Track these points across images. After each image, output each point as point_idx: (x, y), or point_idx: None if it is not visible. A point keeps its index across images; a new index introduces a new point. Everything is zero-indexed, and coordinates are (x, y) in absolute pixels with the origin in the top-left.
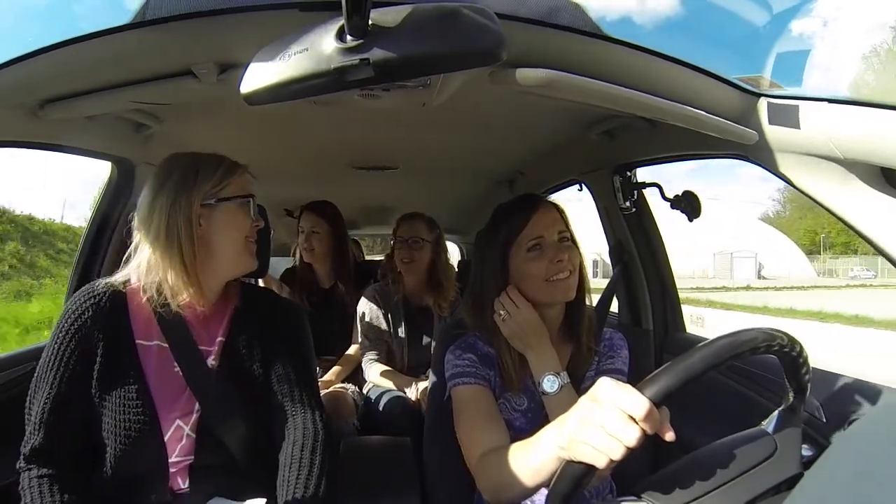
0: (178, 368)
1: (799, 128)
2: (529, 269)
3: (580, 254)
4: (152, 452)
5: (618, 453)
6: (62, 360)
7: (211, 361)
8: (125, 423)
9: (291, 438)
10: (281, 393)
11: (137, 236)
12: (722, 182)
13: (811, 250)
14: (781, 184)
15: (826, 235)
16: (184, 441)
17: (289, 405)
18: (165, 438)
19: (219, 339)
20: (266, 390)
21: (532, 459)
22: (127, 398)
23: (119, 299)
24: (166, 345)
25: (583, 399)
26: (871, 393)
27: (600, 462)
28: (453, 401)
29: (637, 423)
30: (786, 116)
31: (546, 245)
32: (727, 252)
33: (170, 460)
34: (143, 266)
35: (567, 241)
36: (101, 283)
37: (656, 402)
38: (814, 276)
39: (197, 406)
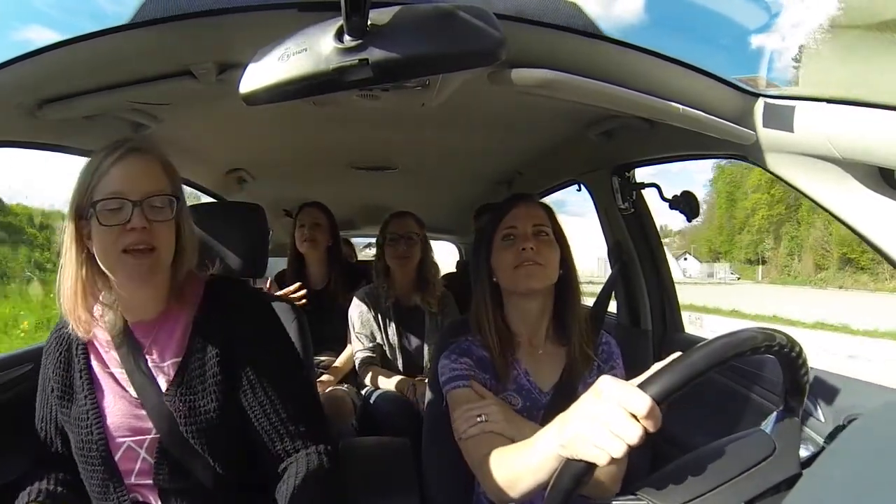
0: (131, 390)
1: (797, 128)
2: (501, 257)
3: (565, 254)
4: (103, 470)
5: (619, 451)
6: (42, 387)
7: (163, 383)
8: (80, 441)
9: (294, 470)
10: (265, 429)
11: None
12: (674, 187)
13: (714, 257)
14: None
15: (696, 247)
16: (139, 463)
17: (287, 441)
18: (116, 458)
19: (172, 360)
20: (241, 415)
21: (532, 458)
22: (81, 418)
23: None
24: (121, 369)
25: (585, 396)
26: (869, 393)
27: (601, 459)
28: (450, 404)
29: (639, 422)
30: (784, 116)
31: (517, 235)
32: (604, 258)
33: (128, 481)
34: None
35: (543, 234)
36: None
37: (658, 401)
38: (680, 276)
39: (154, 430)
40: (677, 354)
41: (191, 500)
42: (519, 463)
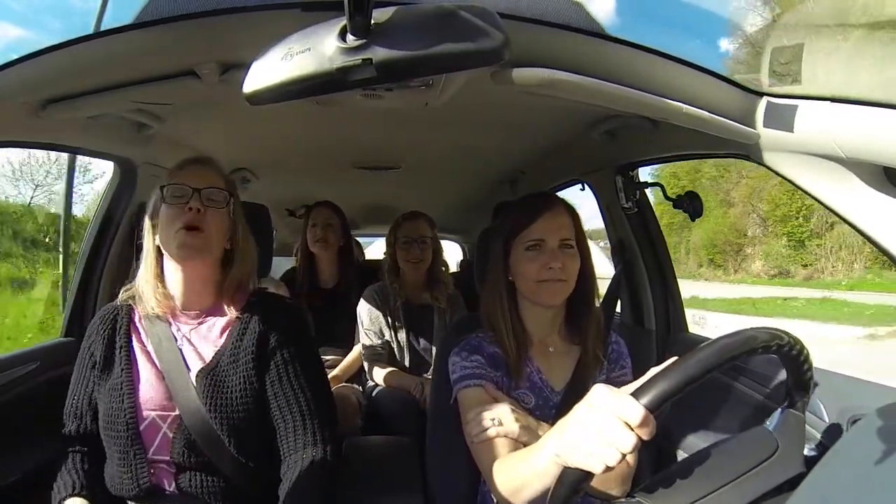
0: (161, 369)
1: (801, 127)
2: (524, 267)
3: (585, 260)
4: (127, 437)
5: (613, 460)
6: (81, 363)
7: (197, 365)
8: (110, 409)
9: (296, 473)
10: (285, 420)
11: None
12: None
13: None
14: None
15: None
16: (160, 437)
17: (300, 436)
18: (140, 428)
19: (209, 348)
20: (263, 412)
21: (537, 464)
22: (114, 387)
23: (127, 309)
24: (157, 348)
25: (579, 405)
26: (873, 392)
27: (596, 468)
28: (461, 403)
29: (633, 430)
30: (788, 116)
31: (544, 249)
32: None
33: (148, 455)
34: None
35: (569, 248)
36: (122, 296)
37: (652, 409)
38: (611, 270)
39: (177, 408)
40: (673, 360)
41: (203, 483)
42: (525, 469)
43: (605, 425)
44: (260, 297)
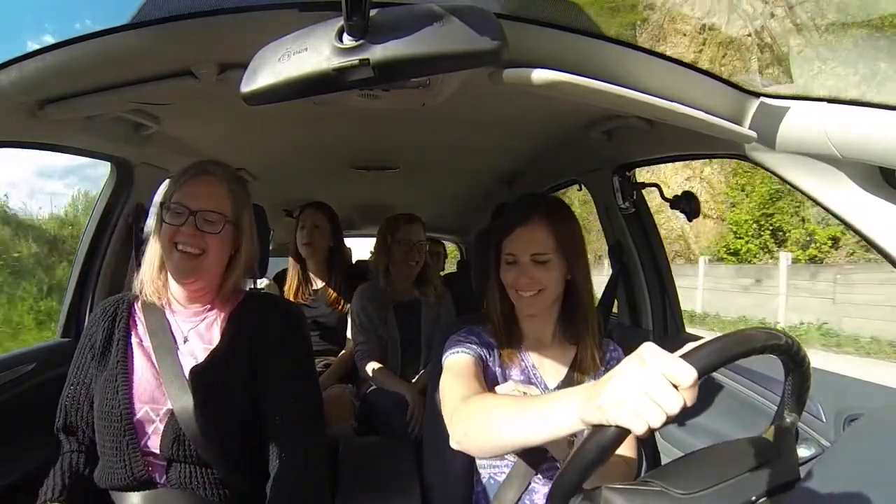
0: (157, 364)
1: (797, 128)
2: (504, 275)
3: (570, 261)
4: (120, 427)
5: (658, 420)
6: (81, 353)
7: (190, 364)
8: (104, 400)
9: (283, 473)
10: (275, 419)
11: None
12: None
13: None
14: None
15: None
16: (152, 429)
17: (287, 434)
18: (134, 420)
19: (203, 346)
20: (253, 411)
21: (543, 415)
22: (109, 379)
23: (126, 303)
24: (153, 344)
25: (626, 361)
26: (870, 392)
27: (639, 427)
28: (444, 370)
29: (679, 393)
30: (784, 116)
31: (517, 262)
32: None
33: (141, 445)
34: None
35: (541, 262)
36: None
37: (701, 374)
38: None
39: (169, 402)
40: (710, 337)
41: (193, 475)
42: (519, 414)
43: (654, 384)
44: (253, 296)
